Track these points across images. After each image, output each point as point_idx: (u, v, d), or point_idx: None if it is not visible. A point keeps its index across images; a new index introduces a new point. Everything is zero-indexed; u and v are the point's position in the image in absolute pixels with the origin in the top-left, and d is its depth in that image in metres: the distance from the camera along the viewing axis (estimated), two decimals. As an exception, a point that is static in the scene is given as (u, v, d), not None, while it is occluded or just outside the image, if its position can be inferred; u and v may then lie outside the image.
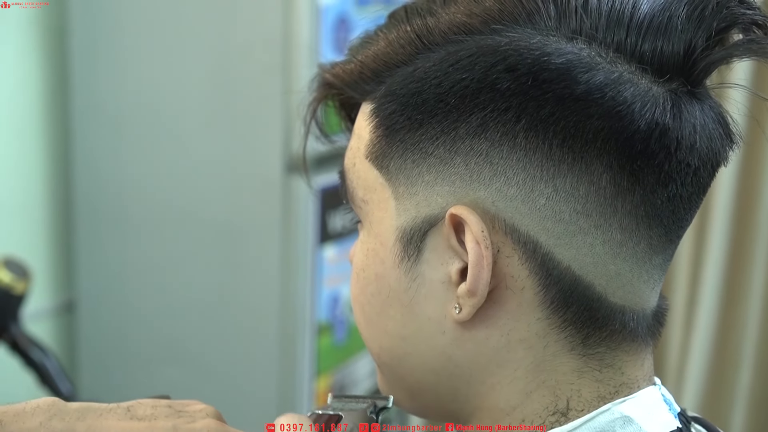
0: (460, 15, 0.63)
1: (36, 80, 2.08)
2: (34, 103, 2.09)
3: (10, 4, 1.87)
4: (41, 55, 2.08)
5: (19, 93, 2.05)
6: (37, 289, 1.78)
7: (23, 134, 2.08)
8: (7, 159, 2.05)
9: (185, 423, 0.65)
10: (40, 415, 0.64)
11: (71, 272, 2.18)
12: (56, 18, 2.08)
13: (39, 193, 2.13)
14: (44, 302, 2.12)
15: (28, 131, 2.09)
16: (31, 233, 2.13)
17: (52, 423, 0.64)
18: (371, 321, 0.69)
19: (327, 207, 1.97)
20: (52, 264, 2.17)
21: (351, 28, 1.96)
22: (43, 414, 0.64)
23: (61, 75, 2.10)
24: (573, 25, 0.61)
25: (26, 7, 1.98)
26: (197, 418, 0.66)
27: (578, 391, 0.65)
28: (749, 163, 2.18)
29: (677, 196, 0.63)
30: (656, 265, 0.65)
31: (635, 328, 0.65)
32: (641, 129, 0.60)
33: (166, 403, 0.67)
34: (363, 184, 0.68)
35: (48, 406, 0.65)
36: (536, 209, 0.61)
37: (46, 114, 2.11)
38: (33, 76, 2.07)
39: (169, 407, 0.66)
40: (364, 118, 0.67)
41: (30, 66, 2.06)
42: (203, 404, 0.68)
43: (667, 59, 0.61)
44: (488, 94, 0.61)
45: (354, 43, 0.70)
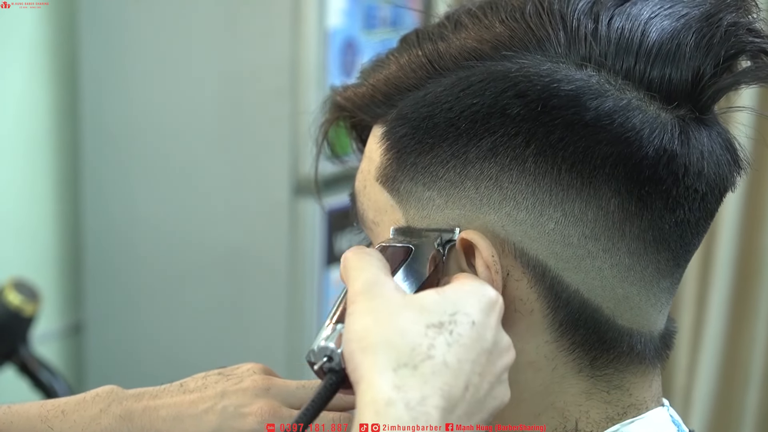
0: (470, 41, 0.64)
1: (45, 103, 2.09)
2: (43, 126, 2.10)
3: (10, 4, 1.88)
4: (51, 78, 2.09)
5: (28, 116, 2.06)
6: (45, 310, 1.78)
7: (32, 157, 2.09)
8: (17, 181, 2.06)
9: (233, 385, 0.67)
10: (100, 403, 0.68)
11: (80, 294, 2.19)
12: (66, 42, 2.09)
13: (48, 215, 2.14)
14: (53, 324, 2.12)
15: (37, 154, 2.09)
16: (39, 255, 2.13)
17: (111, 408, 0.67)
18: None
19: (334, 229, 1.98)
20: (61, 286, 2.18)
21: (358, 52, 1.97)
22: (102, 401, 0.68)
23: (70, 98, 2.11)
24: (582, 52, 0.61)
25: (26, 7, 1.99)
26: (244, 377, 0.68)
27: (586, 413, 0.65)
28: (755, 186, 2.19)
29: (685, 221, 0.63)
30: (664, 288, 0.66)
31: (643, 351, 0.66)
32: (649, 155, 0.60)
33: (217, 371, 0.70)
34: (374, 206, 0.68)
35: (107, 393, 0.69)
36: (545, 233, 0.62)
37: (55, 136, 2.12)
38: (42, 99, 2.08)
39: (219, 374, 0.69)
40: (375, 141, 0.68)
41: (39, 89, 2.07)
42: (251, 363, 0.70)
43: (675, 86, 0.61)
44: (498, 119, 0.61)
45: (366, 66, 0.71)
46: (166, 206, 2.04)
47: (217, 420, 0.66)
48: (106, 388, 0.69)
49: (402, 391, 0.52)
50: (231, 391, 0.67)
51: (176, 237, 2.04)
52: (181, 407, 0.67)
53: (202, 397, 0.67)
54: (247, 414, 0.66)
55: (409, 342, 0.54)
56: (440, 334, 0.55)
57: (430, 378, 0.53)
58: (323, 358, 0.58)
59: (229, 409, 0.66)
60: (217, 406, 0.66)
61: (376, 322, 0.55)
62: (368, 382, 0.53)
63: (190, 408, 0.67)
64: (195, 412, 0.66)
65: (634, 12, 0.62)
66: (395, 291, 0.58)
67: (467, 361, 0.55)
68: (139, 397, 0.68)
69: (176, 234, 2.04)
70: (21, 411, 0.69)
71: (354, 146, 0.75)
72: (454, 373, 0.54)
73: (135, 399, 0.68)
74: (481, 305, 0.58)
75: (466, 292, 0.59)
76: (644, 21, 0.62)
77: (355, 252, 0.61)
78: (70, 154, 2.14)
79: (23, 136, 2.06)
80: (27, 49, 2.04)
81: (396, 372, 0.53)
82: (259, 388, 0.67)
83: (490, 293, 0.59)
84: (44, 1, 2.02)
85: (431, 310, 0.56)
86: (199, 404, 0.67)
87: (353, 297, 0.58)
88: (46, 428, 0.68)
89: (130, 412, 0.67)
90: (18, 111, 2.04)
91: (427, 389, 0.53)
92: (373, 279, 0.58)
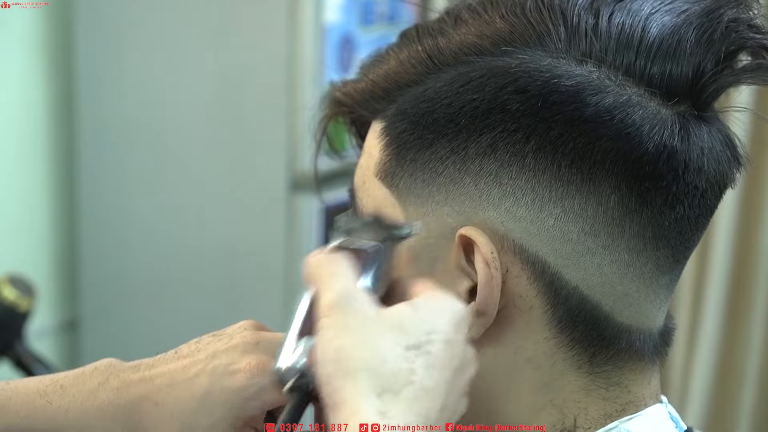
0: (470, 36, 0.64)
1: (41, 99, 2.09)
2: (39, 122, 2.09)
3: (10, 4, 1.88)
4: (46, 75, 2.09)
5: (24, 113, 2.06)
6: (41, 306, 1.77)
7: (29, 153, 2.09)
8: (13, 177, 2.06)
9: (224, 345, 0.66)
10: (98, 377, 0.67)
11: (75, 290, 2.18)
12: (61, 38, 2.09)
13: (44, 211, 2.13)
14: (48, 319, 2.12)
15: (33, 151, 2.09)
16: (35, 250, 2.13)
17: (109, 382, 0.66)
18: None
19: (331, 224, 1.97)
20: (57, 281, 2.18)
21: (355, 47, 1.97)
22: (100, 375, 0.67)
23: (66, 95, 2.11)
24: (583, 47, 0.61)
25: (26, 7, 1.98)
26: (234, 335, 0.67)
27: (585, 409, 0.65)
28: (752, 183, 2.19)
29: (684, 217, 0.63)
30: (663, 285, 0.65)
31: (641, 347, 0.66)
32: (649, 151, 0.60)
33: (210, 335, 0.68)
34: (373, 202, 0.68)
35: (105, 366, 0.68)
36: (545, 230, 0.62)
37: (50, 133, 2.12)
38: (38, 95, 2.08)
39: (212, 336, 0.68)
40: (374, 137, 0.67)
41: (35, 85, 2.07)
42: (243, 321, 0.69)
43: (675, 82, 0.61)
44: (498, 115, 0.61)
45: (365, 61, 0.71)
46: (162, 202, 2.04)
47: (208, 381, 0.64)
48: (105, 361, 0.69)
49: (386, 418, 0.52)
50: (221, 351, 0.65)
51: (172, 233, 2.04)
52: (175, 373, 0.66)
53: (194, 361, 0.66)
54: (236, 371, 0.64)
55: (391, 366, 0.54)
56: (418, 356, 0.55)
57: (413, 403, 0.54)
58: (295, 375, 0.57)
59: (218, 369, 0.64)
60: (207, 368, 0.65)
61: (356, 344, 0.55)
62: (351, 408, 0.53)
63: (183, 373, 0.65)
64: (187, 376, 0.65)
65: (634, 7, 0.62)
66: (370, 306, 0.57)
67: (442, 382, 0.56)
68: (136, 368, 0.67)
69: (172, 230, 2.04)
70: (19, 386, 0.68)
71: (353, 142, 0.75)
72: (431, 397, 0.55)
73: (132, 371, 0.67)
74: (453, 321, 0.58)
75: (439, 308, 0.58)
76: (645, 16, 0.62)
77: (321, 258, 0.61)
78: (66, 150, 2.14)
79: (19, 132, 2.06)
80: (23, 46, 2.03)
81: (380, 398, 0.53)
82: (248, 343, 0.66)
83: (459, 307, 0.59)
84: (44, 1, 2.02)
85: (408, 329, 0.56)
86: (190, 368, 0.65)
87: (325, 311, 0.57)
88: (45, 403, 0.67)
89: (126, 385, 0.66)
90: (14, 108, 2.04)
91: (410, 416, 0.53)
92: (345, 291, 0.57)
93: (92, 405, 0.66)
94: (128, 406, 0.65)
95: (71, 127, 2.12)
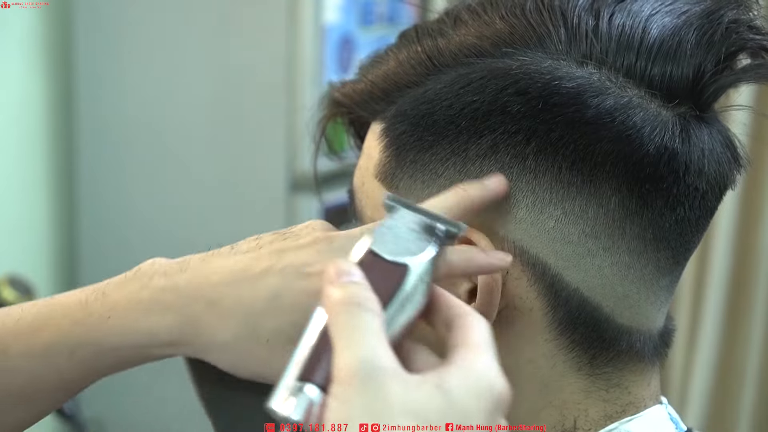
0: (470, 37, 0.64)
1: (40, 99, 2.09)
2: (38, 123, 2.09)
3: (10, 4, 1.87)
4: (45, 74, 2.09)
5: (24, 113, 2.06)
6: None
7: (28, 154, 2.08)
8: (12, 178, 2.05)
9: (293, 243, 0.61)
10: (142, 278, 0.62)
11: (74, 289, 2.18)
12: (61, 38, 2.09)
13: (43, 211, 2.13)
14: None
15: (32, 151, 2.09)
16: (34, 251, 2.13)
17: (153, 282, 0.62)
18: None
19: (330, 226, 1.98)
20: (56, 282, 2.17)
21: (355, 48, 1.97)
22: (144, 276, 0.63)
23: (65, 95, 2.11)
24: (583, 49, 0.61)
25: (26, 7, 1.98)
26: (302, 235, 0.62)
27: (585, 411, 0.65)
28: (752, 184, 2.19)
29: (685, 219, 0.63)
30: (663, 287, 0.65)
31: (642, 349, 0.65)
32: (650, 153, 0.60)
33: (271, 233, 0.63)
34: (372, 203, 0.68)
35: (149, 266, 0.63)
36: (545, 231, 0.62)
37: (50, 133, 2.12)
38: (37, 95, 2.08)
39: (273, 234, 0.63)
40: (373, 138, 0.67)
41: (34, 85, 2.07)
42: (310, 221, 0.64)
43: (676, 84, 0.61)
44: (499, 117, 0.61)
45: (364, 62, 0.71)
46: (162, 203, 2.04)
47: (278, 281, 0.59)
48: (149, 261, 0.64)
49: None
50: (290, 249, 0.60)
51: (172, 234, 2.04)
52: (235, 269, 0.60)
53: (257, 257, 0.60)
54: (311, 273, 0.58)
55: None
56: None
57: None
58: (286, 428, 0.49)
59: (289, 269, 0.59)
60: (276, 266, 0.59)
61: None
62: None
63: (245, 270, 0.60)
64: (251, 273, 0.59)
65: (635, 9, 0.62)
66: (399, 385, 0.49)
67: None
68: (184, 265, 0.62)
69: (172, 231, 2.04)
70: (62, 300, 0.64)
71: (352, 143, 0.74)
72: None
73: (180, 269, 0.62)
74: (489, 409, 0.50)
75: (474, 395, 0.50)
76: (645, 18, 0.62)
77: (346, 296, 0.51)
78: (66, 150, 2.14)
79: (19, 133, 2.06)
80: (22, 46, 2.03)
81: None
82: (320, 241, 0.60)
83: (500, 387, 0.51)
84: (44, 1, 2.02)
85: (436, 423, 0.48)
86: (254, 265, 0.60)
87: (343, 375, 0.48)
88: (86, 314, 0.62)
89: (174, 283, 0.61)
90: (13, 108, 2.04)
91: None
92: (370, 360, 0.48)
93: (136, 308, 0.61)
94: (177, 306, 0.61)
95: (71, 127, 2.12)
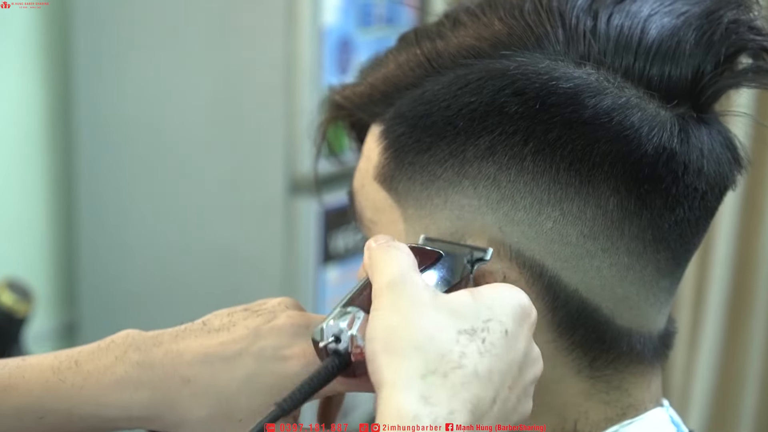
0: (469, 39, 0.64)
1: (39, 100, 2.08)
2: (37, 124, 2.09)
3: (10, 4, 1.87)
4: (44, 75, 2.09)
5: (22, 114, 2.06)
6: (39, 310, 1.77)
7: (26, 156, 2.08)
8: (10, 181, 2.05)
9: (267, 322, 0.62)
10: (115, 350, 0.62)
11: (73, 294, 2.18)
12: (59, 37, 2.08)
13: (42, 214, 2.13)
14: (46, 324, 2.11)
15: (31, 153, 2.09)
16: (33, 255, 2.12)
17: (127, 355, 0.62)
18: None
19: (330, 227, 1.97)
20: (55, 285, 2.17)
21: (353, 50, 1.97)
22: (117, 348, 0.63)
23: (64, 96, 2.11)
24: (581, 49, 0.61)
25: (26, 7, 1.98)
26: (277, 312, 0.62)
27: (585, 413, 0.65)
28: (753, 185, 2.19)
29: (685, 220, 0.63)
30: (663, 288, 0.65)
31: (642, 351, 0.65)
32: (648, 153, 0.60)
33: (242, 308, 0.64)
34: (371, 205, 0.68)
35: (122, 339, 0.63)
36: (543, 233, 0.61)
37: (48, 134, 2.11)
38: (36, 96, 2.08)
39: (245, 310, 0.63)
40: (373, 140, 0.67)
41: (33, 86, 2.07)
42: (279, 298, 0.65)
43: (675, 84, 0.61)
44: (496, 118, 0.61)
45: (364, 65, 0.71)
46: (161, 205, 2.04)
47: (254, 363, 0.60)
48: (122, 333, 0.64)
49: (429, 404, 0.49)
50: (265, 330, 0.61)
51: (171, 236, 2.04)
52: (209, 349, 0.61)
53: (233, 338, 0.61)
54: (288, 357, 0.60)
55: (439, 347, 0.51)
56: (472, 341, 0.52)
57: (460, 389, 0.50)
58: (330, 337, 0.55)
59: (266, 351, 0.60)
60: (252, 348, 0.60)
61: (404, 322, 0.52)
62: (393, 388, 0.50)
63: (220, 349, 0.60)
64: (226, 354, 0.60)
65: (633, 9, 0.62)
66: (425, 289, 0.55)
67: (498, 372, 0.52)
68: (158, 340, 0.62)
69: (171, 233, 2.04)
70: (34, 363, 0.64)
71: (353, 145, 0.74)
72: (483, 385, 0.51)
73: (154, 343, 0.62)
74: (516, 313, 0.55)
75: (501, 298, 0.55)
76: (644, 18, 0.61)
77: (382, 243, 0.58)
78: (64, 152, 2.13)
79: (17, 135, 2.06)
80: (20, 47, 2.03)
81: (424, 379, 0.50)
82: (297, 325, 0.61)
83: (524, 301, 0.56)
84: (44, 1, 2.02)
85: (463, 314, 0.53)
86: (230, 345, 0.60)
87: (379, 291, 0.54)
88: (58, 381, 0.62)
89: (149, 359, 0.61)
90: (11, 110, 2.03)
91: (456, 402, 0.50)
92: (400, 274, 0.55)
93: (110, 381, 0.61)
94: (152, 383, 0.61)
95: (69, 128, 2.11)
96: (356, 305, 0.56)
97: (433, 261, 0.60)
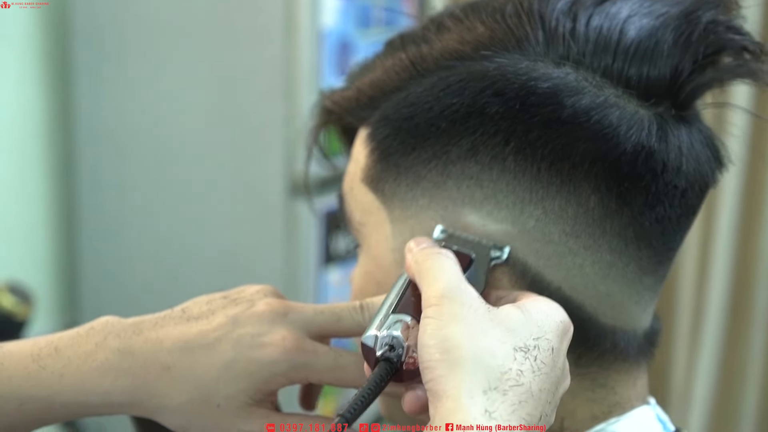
0: (452, 42, 0.64)
1: (39, 104, 2.09)
2: (37, 127, 2.10)
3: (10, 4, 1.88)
4: (44, 79, 2.09)
5: (22, 117, 2.06)
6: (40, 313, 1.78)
7: (26, 159, 2.09)
8: (11, 183, 2.06)
9: (245, 310, 0.63)
10: (95, 336, 0.63)
11: (73, 297, 2.19)
12: (59, 44, 2.09)
13: (42, 217, 2.13)
14: (46, 327, 2.12)
15: (31, 156, 2.09)
16: (33, 257, 2.13)
17: (107, 342, 0.63)
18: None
19: (330, 229, 1.98)
20: (55, 289, 2.18)
21: (353, 52, 1.97)
22: (98, 335, 0.63)
23: (64, 100, 2.11)
24: (561, 50, 0.62)
25: (26, 7, 1.98)
26: (255, 300, 0.64)
27: (572, 412, 0.65)
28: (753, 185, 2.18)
29: (665, 217, 0.63)
30: (647, 286, 0.66)
31: (626, 348, 0.66)
32: (627, 151, 0.61)
33: (221, 295, 0.65)
34: (360, 207, 0.69)
35: (102, 325, 0.64)
36: (526, 231, 0.62)
37: (48, 138, 2.12)
38: (36, 100, 2.08)
39: (224, 298, 0.64)
40: (360, 143, 0.68)
41: (33, 90, 2.07)
42: (258, 285, 0.66)
43: (653, 84, 0.62)
44: (478, 118, 0.62)
45: (353, 70, 0.72)
46: (161, 208, 2.04)
47: (232, 350, 0.61)
48: (102, 319, 0.65)
49: (492, 419, 0.50)
50: (244, 318, 0.62)
51: (171, 239, 2.05)
52: (188, 336, 0.62)
53: (212, 326, 0.62)
54: (267, 344, 0.61)
55: (500, 364, 0.52)
56: (526, 359, 0.53)
57: (518, 407, 0.51)
58: (385, 346, 0.55)
59: (245, 339, 0.61)
60: (230, 335, 0.61)
61: (466, 335, 0.52)
62: (456, 401, 0.50)
63: (200, 337, 0.61)
64: (205, 341, 0.61)
65: (613, 11, 0.62)
66: (480, 301, 0.55)
67: (545, 390, 0.53)
68: (138, 327, 0.63)
69: (171, 236, 2.04)
70: (13, 350, 0.64)
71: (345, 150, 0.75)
72: (535, 403, 0.52)
73: (134, 330, 0.63)
74: (559, 330, 0.56)
75: (547, 315, 0.56)
76: (623, 19, 0.62)
77: (426, 248, 0.59)
78: (65, 155, 2.14)
79: (17, 137, 2.06)
80: (19, 50, 2.04)
81: (486, 395, 0.50)
82: (275, 312, 0.62)
83: (565, 318, 0.58)
84: (44, 1, 2.03)
85: (517, 331, 0.54)
86: (209, 333, 0.61)
87: (433, 300, 0.55)
88: (38, 368, 0.62)
89: (129, 346, 0.62)
90: (11, 112, 2.04)
91: (514, 419, 0.50)
92: (456, 284, 0.56)
93: (90, 368, 0.62)
94: (132, 369, 0.62)
95: (70, 130, 2.12)
96: (405, 312, 0.57)
97: (467, 264, 0.61)
